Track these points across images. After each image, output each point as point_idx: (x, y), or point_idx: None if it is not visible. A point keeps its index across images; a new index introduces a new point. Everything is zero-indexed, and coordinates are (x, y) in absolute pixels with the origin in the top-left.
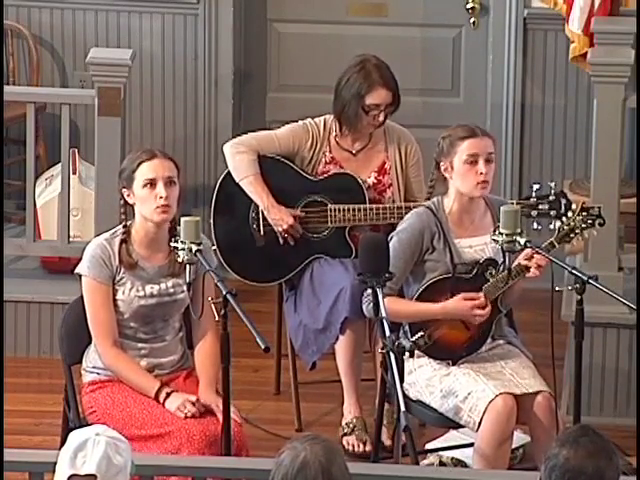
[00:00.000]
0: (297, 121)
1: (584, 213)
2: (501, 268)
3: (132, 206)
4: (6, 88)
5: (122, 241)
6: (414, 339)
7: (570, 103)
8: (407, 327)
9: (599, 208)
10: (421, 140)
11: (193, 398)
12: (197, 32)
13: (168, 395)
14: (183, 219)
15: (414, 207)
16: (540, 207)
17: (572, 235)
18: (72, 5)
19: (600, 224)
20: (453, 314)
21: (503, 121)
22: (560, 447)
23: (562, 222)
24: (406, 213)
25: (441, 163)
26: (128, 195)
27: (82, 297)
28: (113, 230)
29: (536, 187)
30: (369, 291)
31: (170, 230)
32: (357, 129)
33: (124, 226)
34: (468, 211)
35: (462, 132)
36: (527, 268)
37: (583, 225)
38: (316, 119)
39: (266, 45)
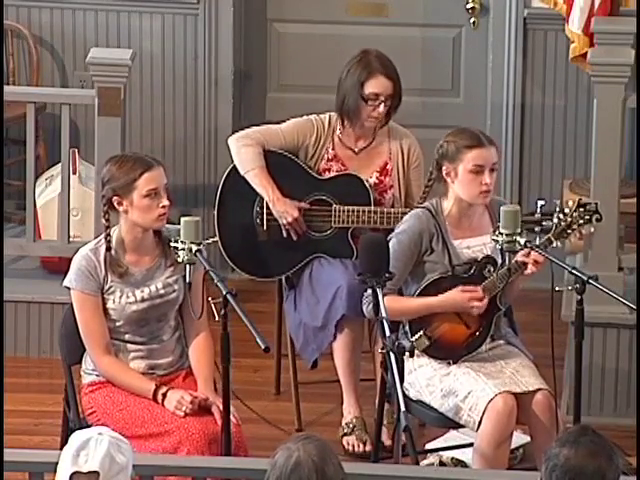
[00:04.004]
0: (302, 116)
1: (581, 209)
2: (499, 266)
3: (117, 213)
4: (6, 88)
5: (107, 249)
6: (414, 339)
7: (570, 103)
8: (407, 327)
9: (596, 204)
10: (421, 140)
11: (188, 398)
12: (197, 32)
13: (164, 395)
14: (183, 219)
15: None
16: (544, 224)
17: (569, 231)
18: (72, 5)
19: (597, 220)
20: (451, 306)
21: (503, 121)
22: (560, 447)
23: (559, 218)
24: None
25: (443, 167)
26: (119, 203)
27: (72, 307)
28: (97, 240)
29: (541, 203)
30: (369, 292)
31: (155, 231)
32: (358, 121)
33: (107, 234)
34: (467, 214)
35: (469, 140)
36: (524, 265)
37: (580, 221)
38: (321, 115)
39: (266, 45)
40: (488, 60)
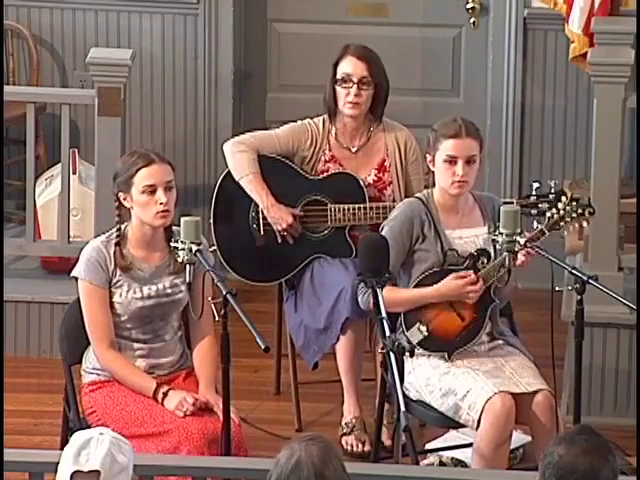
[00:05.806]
0: (296, 121)
1: (574, 202)
2: (492, 258)
3: (127, 208)
4: (6, 88)
5: (116, 244)
6: (410, 332)
7: (570, 103)
8: (402, 322)
9: (589, 198)
10: (421, 140)
11: (190, 400)
12: (197, 32)
13: (165, 395)
14: (183, 219)
15: None
16: (540, 206)
17: (562, 223)
18: (72, 5)
19: (590, 213)
20: (447, 295)
21: (503, 121)
22: (556, 445)
23: (552, 212)
24: None
25: (427, 155)
26: (124, 199)
27: (79, 299)
28: (109, 233)
29: (536, 186)
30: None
31: (166, 229)
32: (338, 111)
33: (118, 229)
34: (453, 205)
35: (447, 130)
36: (516, 254)
37: (573, 214)
38: (315, 119)
39: (266, 45)
40: (488, 60)
